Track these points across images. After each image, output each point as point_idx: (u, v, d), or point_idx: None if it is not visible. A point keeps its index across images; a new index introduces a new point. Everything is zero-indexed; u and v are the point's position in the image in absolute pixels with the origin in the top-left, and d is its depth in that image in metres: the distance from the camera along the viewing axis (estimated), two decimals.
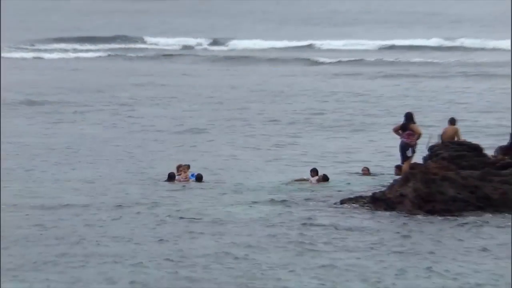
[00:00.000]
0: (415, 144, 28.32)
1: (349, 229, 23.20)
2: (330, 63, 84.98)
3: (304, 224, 23.82)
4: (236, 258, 20.41)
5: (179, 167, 30.45)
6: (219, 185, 29.54)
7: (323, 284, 18.54)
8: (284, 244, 21.75)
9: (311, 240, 22.16)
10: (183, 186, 29.67)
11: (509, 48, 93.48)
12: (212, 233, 22.82)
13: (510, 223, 23.24)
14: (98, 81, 67.13)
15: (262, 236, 22.51)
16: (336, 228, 23.32)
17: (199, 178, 29.78)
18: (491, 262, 20.30)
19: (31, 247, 21.66)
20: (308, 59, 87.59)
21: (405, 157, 27.98)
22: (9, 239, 22.23)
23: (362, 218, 24.27)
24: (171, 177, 30.00)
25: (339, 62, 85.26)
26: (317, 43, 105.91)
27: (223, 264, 19.86)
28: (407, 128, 28.25)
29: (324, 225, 23.58)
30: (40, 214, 25.58)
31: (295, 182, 29.23)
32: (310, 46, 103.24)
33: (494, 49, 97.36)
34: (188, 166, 30.50)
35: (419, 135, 28.28)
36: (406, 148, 28.08)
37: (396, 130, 28.82)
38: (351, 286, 18.66)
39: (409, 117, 28.45)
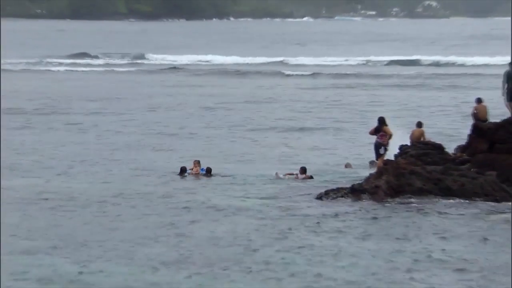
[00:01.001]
0: (387, 143, 28.47)
1: (331, 215, 23.33)
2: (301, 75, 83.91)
3: (290, 210, 24.02)
4: (229, 239, 20.70)
5: (195, 162, 30.12)
6: (224, 178, 29.22)
7: (305, 261, 18.85)
8: (271, 228, 21.94)
9: (295, 225, 22.35)
10: (194, 178, 29.44)
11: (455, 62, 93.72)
12: (212, 219, 23.05)
13: (468, 210, 23.48)
14: (114, 92, 65.83)
15: (254, 222, 22.68)
16: (321, 215, 23.40)
17: (208, 171, 29.49)
18: (451, 241, 20.59)
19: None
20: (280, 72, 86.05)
21: (378, 155, 28.13)
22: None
23: (342, 206, 24.29)
24: (182, 171, 29.70)
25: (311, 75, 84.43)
26: (289, 59, 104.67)
27: (218, 245, 20.21)
28: (380, 130, 28.49)
29: (308, 214, 23.60)
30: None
31: (286, 175, 29.02)
32: (282, 62, 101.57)
33: (447, 64, 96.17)
34: (199, 162, 30.07)
35: (390, 136, 28.44)
36: (379, 147, 28.27)
37: (371, 132, 28.95)
38: (327, 262, 18.90)
39: (381, 121, 28.72)
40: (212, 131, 42.70)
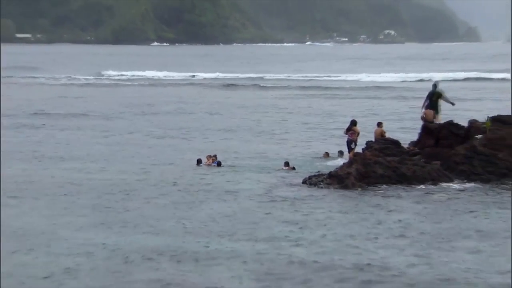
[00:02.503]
0: (356, 139, 28.62)
1: (313, 194, 23.33)
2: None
3: (282, 192, 23.93)
4: (230, 215, 20.61)
5: (208, 156, 29.72)
6: (231, 168, 28.86)
7: (290, 231, 18.84)
8: (263, 206, 21.83)
9: (286, 201, 22.38)
10: (207, 168, 29.05)
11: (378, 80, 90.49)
12: (218, 200, 22.92)
13: (418, 192, 23.60)
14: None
15: (250, 202, 22.54)
16: (306, 195, 23.38)
17: (219, 164, 29.17)
18: (404, 214, 20.64)
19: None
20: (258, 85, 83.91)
21: (350, 148, 28.28)
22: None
23: (322, 188, 24.23)
24: (198, 162, 29.42)
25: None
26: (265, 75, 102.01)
27: (219, 222, 20.05)
28: (350, 129, 28.58)
29: (295, 194, 23.55)
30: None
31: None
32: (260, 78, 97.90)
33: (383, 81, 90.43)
34: (215, 156, 29.69)
35: (358, 134, 28.71)
36: (350, 143, 28.56)
37: (344, 132, 29.13)
38: (309, 228, 19.08)
39: (352, 122, 28.95)
40: (210, 132, 41.24)
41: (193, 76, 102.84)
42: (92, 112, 52.03)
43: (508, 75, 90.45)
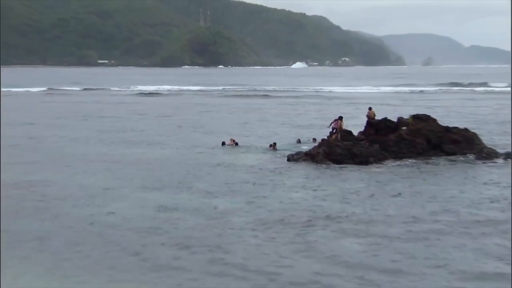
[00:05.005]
0: (338, 128, 26.58)
1: (294, 167, 22.97)
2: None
3: (272, 165, 23.51)
4: (236, 183, 20.20)
5: (231, 139, 28.89)
6: (243, 148, 28.08)
7: (279, 190, 18.55)
8: (254, 178, 21.26)
9: (274, 171, 21.99)
10: (230, 147, 28.16)
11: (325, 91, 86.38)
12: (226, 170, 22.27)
13: (363, 166, 23.20)
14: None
15: (252, 172, 22.10)
16: (288, 167, 23.03)
17: (237, 144, 28.34)
18: (352, 182, 20.31)
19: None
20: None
21: (332, 134, 26.23)
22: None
23: (300, 163, 23.82)
24: (223, 143, 28.66)
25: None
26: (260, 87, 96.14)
27: (230, 186, 19.80)
28: (336, 121, 26.75)
29: (281, 167, 23.13)
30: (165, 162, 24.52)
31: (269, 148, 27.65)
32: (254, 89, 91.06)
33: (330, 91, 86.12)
34: (234, 140, 28.85)
35: (340, 126, 26.56)
36: (333, 130, 26.46)
37: (329, 124, 27.30)
38: (286, 189, 18.61)
39: (340, 117, 27.07)
40: (228, 124, 39.84)
41: (224, 88, 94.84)
42: (147, 110, 50.32)
43: (423, 88, 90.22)
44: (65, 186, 19.49)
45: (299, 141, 29.25)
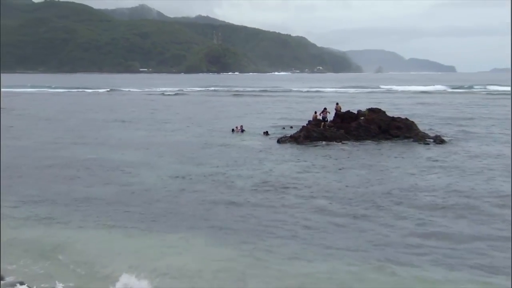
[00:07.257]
0: (327, 117, 25.29)
1: (283, 147, 22.60)
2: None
3: (266, 145, 23.09)
4: (239, 159, 19.81)
5: (238, 126, 28.00)
6: (246, 133, 27.24)
7: (269, 165, 18.04)
8: (256, 153, 21.06)
9: (267, 151, 21.54)
10: (237, 133, 27.32)
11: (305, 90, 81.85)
12: (232, 149, 21.87)
13: (331, 146, 22.85)
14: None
15: (251, 151, 21.75)
16: (278, 147, 22.71)
17: (243, 130, 27.63)
18: (326, 157, 19.98)
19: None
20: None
21: (320, 122, 25.03)
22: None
23: (287, 144, 23.39)
24: (232, 130, 27.77)
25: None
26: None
27: (230, 165, 19.32)
28: (324, 111, 25.34)
29: (273, 146, 22.83)
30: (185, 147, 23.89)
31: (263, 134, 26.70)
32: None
33: (308, 91, 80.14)
34: (241, 126, 27.84)
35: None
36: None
37: (320, 112, 25.58)
38: (275, 164, 18.21)
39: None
40: (234, 115, 37.95)
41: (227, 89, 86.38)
42: (172, 107, 47.81)
43: (373, 90, 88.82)
44: (113, 160, 19.20)
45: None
